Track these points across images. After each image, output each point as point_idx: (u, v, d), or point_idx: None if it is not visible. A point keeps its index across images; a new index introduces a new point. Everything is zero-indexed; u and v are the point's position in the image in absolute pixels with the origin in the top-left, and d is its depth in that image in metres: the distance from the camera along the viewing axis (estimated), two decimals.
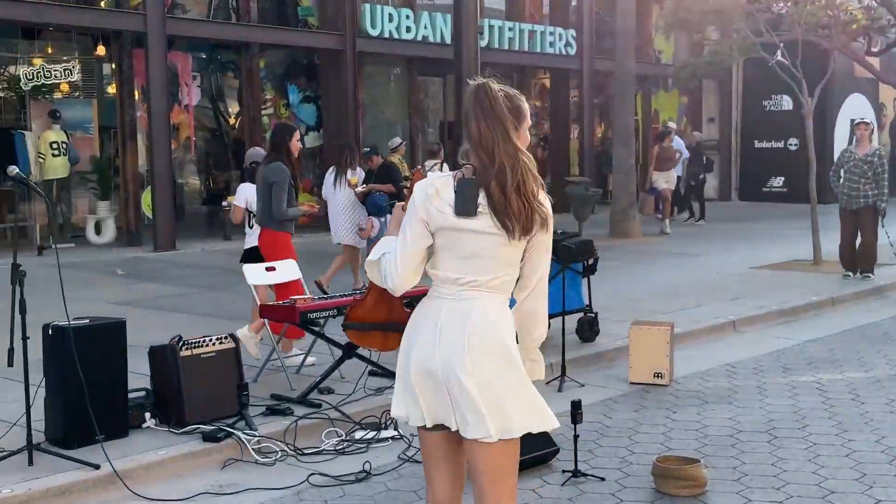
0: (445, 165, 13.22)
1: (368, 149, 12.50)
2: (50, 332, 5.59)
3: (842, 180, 11.79)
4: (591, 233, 16.06)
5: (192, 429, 5.84)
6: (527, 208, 3.12)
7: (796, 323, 9.73)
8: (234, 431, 5.75)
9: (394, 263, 3.22)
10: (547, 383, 7.36)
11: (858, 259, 11.79)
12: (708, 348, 8.55)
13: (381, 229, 10.98)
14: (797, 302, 10.24)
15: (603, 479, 5.26)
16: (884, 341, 8.76)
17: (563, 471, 5.37)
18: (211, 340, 6.16)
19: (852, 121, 16.60)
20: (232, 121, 19.11)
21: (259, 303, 7.10)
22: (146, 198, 16.03)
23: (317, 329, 6.74)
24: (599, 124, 24.62)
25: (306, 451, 5.76)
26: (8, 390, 6.82)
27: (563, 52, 22.05)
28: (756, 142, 26.84)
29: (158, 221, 15.55)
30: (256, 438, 5.76)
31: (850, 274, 11.82)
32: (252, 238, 8.45)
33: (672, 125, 20.71)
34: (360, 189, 11.23)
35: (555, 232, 8.36)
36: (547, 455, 5.55)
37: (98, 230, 16.33)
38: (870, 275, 11.72)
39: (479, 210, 3.12)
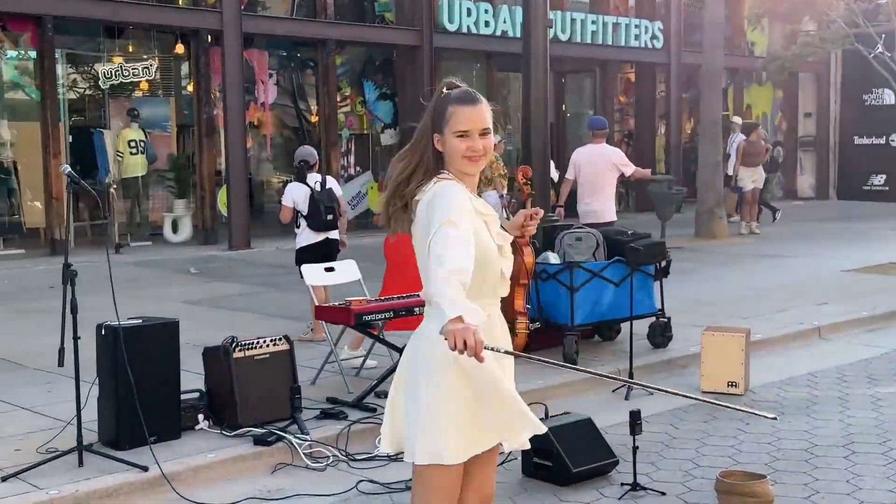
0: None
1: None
2: (102, 332, 5.66)
3: None
4: (675, 233, 15.83)
5: (243, 431, 5.85)
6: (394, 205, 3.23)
7: (887, 330, 9.35)
8: (286, 435, 5.74)
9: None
10: (613, 391, 7.23)
11: None
12: (789, 356, 8.27)
13: None
14: (889, 307, 9.85)
15: (664, 493, 5.10)
16: None
17: (622, 484, 5.22)
18: (265, 342, 6.17)
19: None
20: (308, 118, 19.28)
21: (316, 303, 7.10)
22: (222, 196, 16.27)
23: (374, 332, 6.70)
24: (688, 120, 24.16)
25: (358, 457, 5.72)
26: (67, 390, 6.95)
27: (650, 46, 21.70)
28: (856, 138, 26.04)
29: (233, 220, 15.77)
30: (308, 443, 5.74)
31: None
32: (302, 238, 8.50)
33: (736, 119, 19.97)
34: None
35: (624, 233, 8.33)
36: (606, 467, 5.41)
37: (175, 228, 16.64)
38: None
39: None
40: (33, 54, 15.10)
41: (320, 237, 8.52)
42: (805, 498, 5.00)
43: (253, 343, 6.12)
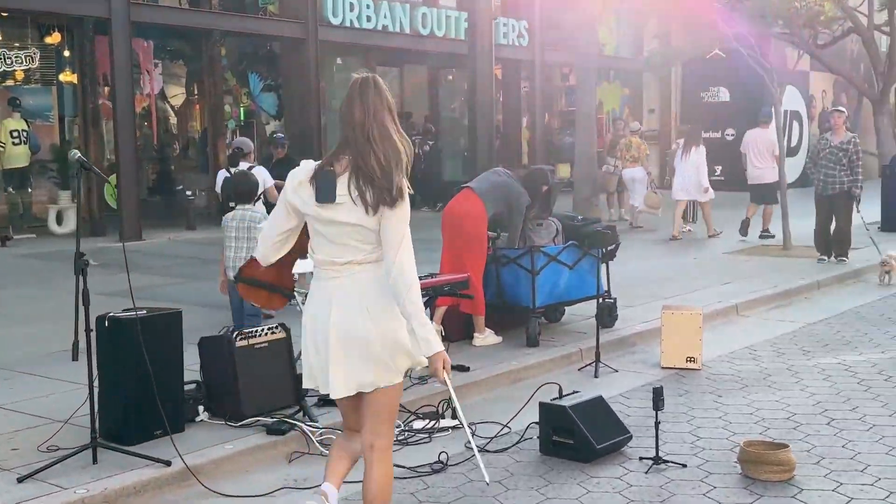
0: None
1: (281, 135, 11.67)
2: (107, 324, 5.22)
3: (817, 167, 11.88)
4: None
5: (251, 422, 5.53)
6: (387, 181, 3.45)
7: (791, 306, 9.75)
8: (298, 423, 5.46)
9: (261, 238, 3.77)
10: (580, 369, 7.24)
11: (833, 243, 11.91)
12: (720, 332, 8.49)
13: None
14: (788, 286, 10.27)
15: (684, 465, 5.11)
16: (884, 322, 8.82)
17: (641, 458, 5.21)
18: (263, 331, 5.85)
19: (824, 110, 16.77)
20: (194, 109, 18.55)
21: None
22: (109, 187, 15.41)
23: None
24: (550, 115, 24.58)
25: None
26: (39, 386, 6.42)
27: (516, 44, 21.93)
28: None
29: (124, 211, 14.95)
30: (320, 430, 5.48)
31: (826, 258, 11.94)
32: None
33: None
34: None
35: (574, 218, 8.33)
36: (621, 442, 5.39)
37: (59, 220, 15.66)
38: (844, 259, 11.85)
39: (338, 199, 3.47)
40: None
41: None
42: (815, 464, 5.12)
43: (252, 332, 5.79)
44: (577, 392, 5.60)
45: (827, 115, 13.42)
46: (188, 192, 16.52)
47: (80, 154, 4.92)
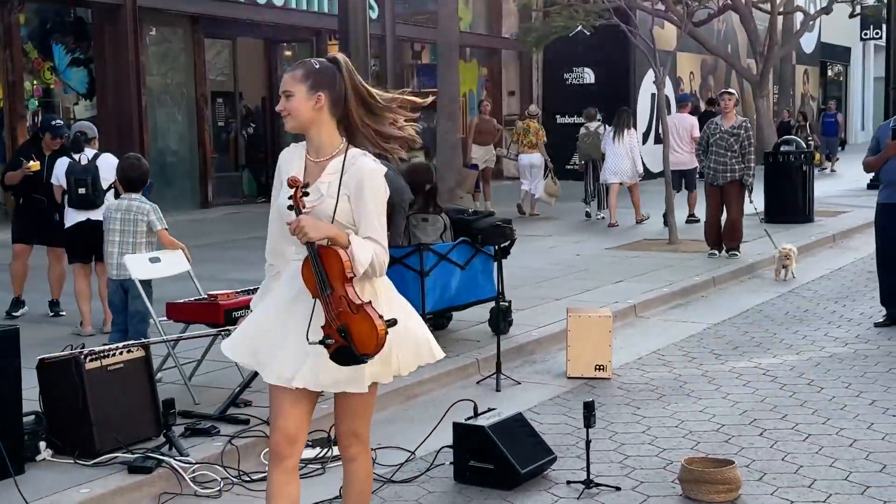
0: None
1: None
2: None
3: (707, 155, 12.19)
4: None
5: (107, 458, 5.16)
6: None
7: (690, 305, 9.96)
8: (166, 458, 5.11)
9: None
10: (478, 382, 7.14)
11: (724, 236, 12.25)
12: (622, 335, 8.52)
13: None
14: (684, 283, 10.49)
15: (618, 488, 5.06)
16: (791, 321, 9.10)
17: (569, 482, 5.13)
18: (117, 350, 5.46)
19: (718, 93, 17.30)
20: None
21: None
22: None
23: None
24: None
25: (253, 477, 5.21)
26: None
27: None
28: (558, 116, 27.57)
29: None
30: (192, 466, 5.15)
31: (716, 252, 12.27)
32: (68, 217, 8.29)
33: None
34: None
35: (464, 211, 8.23)
36: (545, 465, 5.29)
37: None
38: (736, 253, 12.21)
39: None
40: None
41: (81, 216, 8.26)
42: (758, 480, 5.16)
43: (105, 352, 5.39)
44: (492, 409, 5.47)
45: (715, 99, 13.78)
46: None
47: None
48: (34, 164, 8.58)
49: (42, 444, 5.23)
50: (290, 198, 3.49)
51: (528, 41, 17.60)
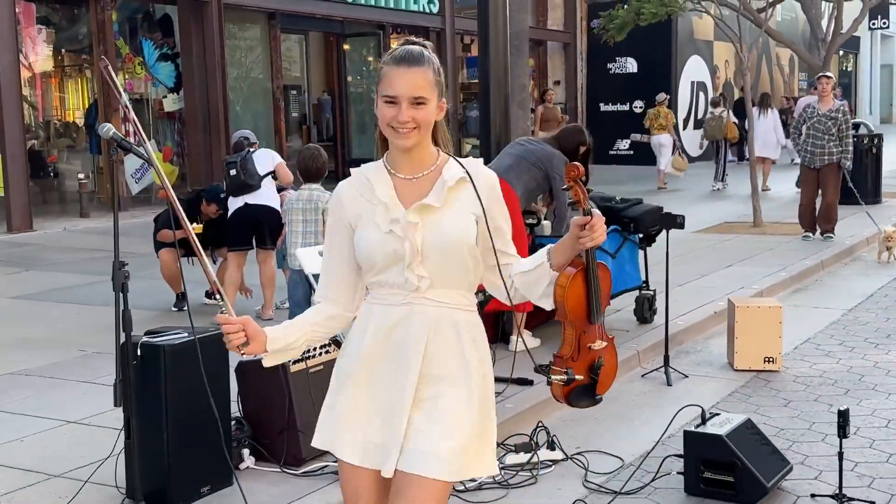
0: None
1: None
2: (139, 353, 4.03)
3: (803, 137, 11.38)
4: None
5: (316, 468, 4.45)
6: None
7: (810, 290, 9.19)
8: None
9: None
10: (643, 376, 6.40)
11: (820, 219, 11.46)
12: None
13: None
14: (798, 268, 9.70)
15: (873, 503, 4.30)
16: None
17: (814, 496, 4.37)
18: (315, 351, 4.74)
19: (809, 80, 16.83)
20: (84, 80, 16.83)
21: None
22: None
23: None
24: (460, 88, 23.69)
25: (468, 486, 4.49)
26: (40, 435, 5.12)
27: (426, 10, 20.92)
28: (602, 104, 26.79)
29: (12, 198, 13.26)
30: None
31: (811, 234, 11.48)
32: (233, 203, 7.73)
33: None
34: None
35: (611, 199, 7.46)
36: (783, 476, 4.53)
37: None
38: (831, 235, 11.41)
39: None
40: None
41: (239, 202, 7.73)
42: None
43: (305, 353, 4.67)
44: (718, 413, 4.72)
45: (813, 82, 12.96)
46: (80, 176, 14.91)
47: (114, 129, 3.68)
48: (197, 227, 7.64)
49: (245, 452, 4.54)
50: (568, 191, 2.70)
51: (611, 28, 16.71)
